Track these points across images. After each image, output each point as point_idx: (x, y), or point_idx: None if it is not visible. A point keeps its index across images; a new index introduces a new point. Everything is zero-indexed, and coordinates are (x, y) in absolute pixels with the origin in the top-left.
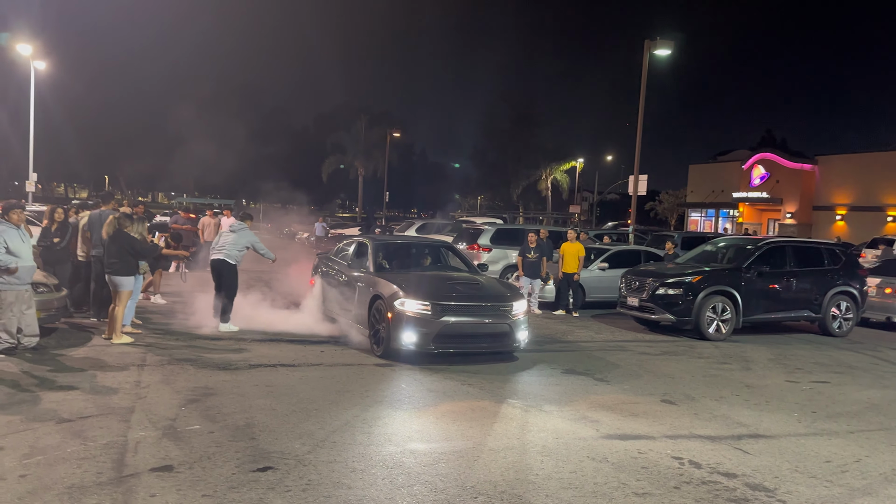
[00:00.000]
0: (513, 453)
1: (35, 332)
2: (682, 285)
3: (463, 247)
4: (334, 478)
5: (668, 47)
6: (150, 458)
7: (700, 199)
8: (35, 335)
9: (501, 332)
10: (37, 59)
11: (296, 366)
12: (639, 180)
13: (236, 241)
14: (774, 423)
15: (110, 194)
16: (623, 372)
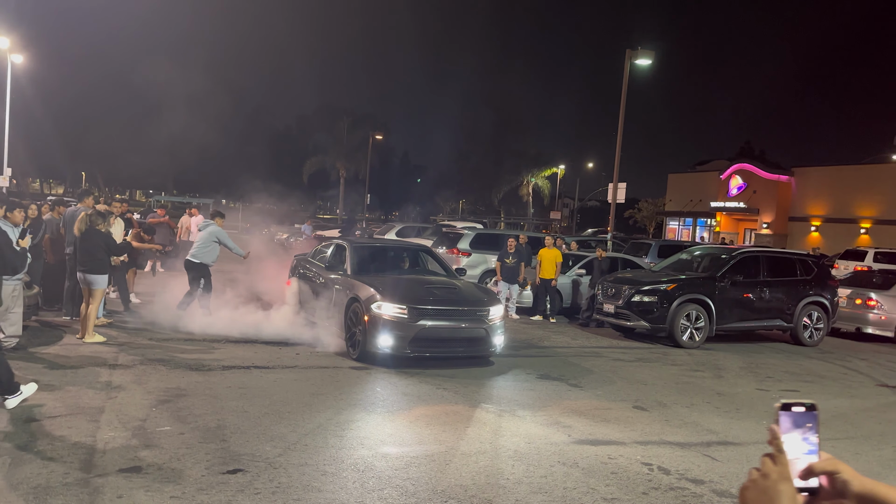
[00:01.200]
0: (485, 458)
1: (18, 333)
2: (657, 293)
3: (442, 251)
4: (305, 481)
5: (649, 57)
6: (118, 459)
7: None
8: (17, 336)
9: (478, 337)
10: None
11: (270, 368)
12: (618, 188)
13: (203, 240)
14: (743, 431)
15: (87, 191)
16: (597, 378)
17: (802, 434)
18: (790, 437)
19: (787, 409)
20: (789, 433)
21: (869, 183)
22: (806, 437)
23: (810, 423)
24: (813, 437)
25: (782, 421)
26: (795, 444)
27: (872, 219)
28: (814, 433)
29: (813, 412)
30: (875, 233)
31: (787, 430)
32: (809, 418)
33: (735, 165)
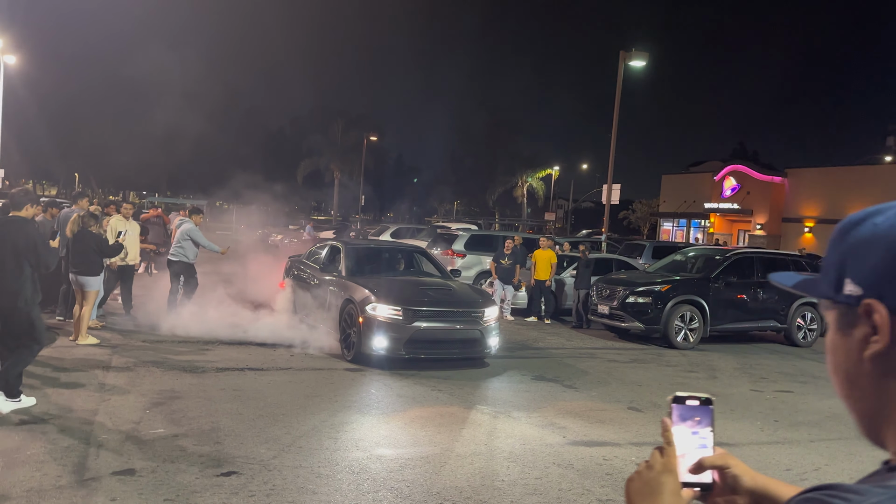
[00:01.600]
0: (480, 459)
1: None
2: (652, 294)
3: (437, 252)
4: (299, 483)
5: (643, 58)
6: (112, 462)
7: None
8: None
9: (472, 338)
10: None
11: (264, 369)
12: (612, 189)
13: (178, 237)
14: (738, 432)
15: (81, 193)
16: (592, 379)
17: (695, 428)
18: (682, 430)
19: (680, 402)
20: (681, 426)
21: (862, 184)
22: (698, 430)
23: (703, 417)
24: (706, 431)
25: (675, 414)
26: (687, 438)
27: None
28: (708, 427)
29: (708, 406)
30: None
31: (680, 424)
32: (704, 412)
33: (729, 167)
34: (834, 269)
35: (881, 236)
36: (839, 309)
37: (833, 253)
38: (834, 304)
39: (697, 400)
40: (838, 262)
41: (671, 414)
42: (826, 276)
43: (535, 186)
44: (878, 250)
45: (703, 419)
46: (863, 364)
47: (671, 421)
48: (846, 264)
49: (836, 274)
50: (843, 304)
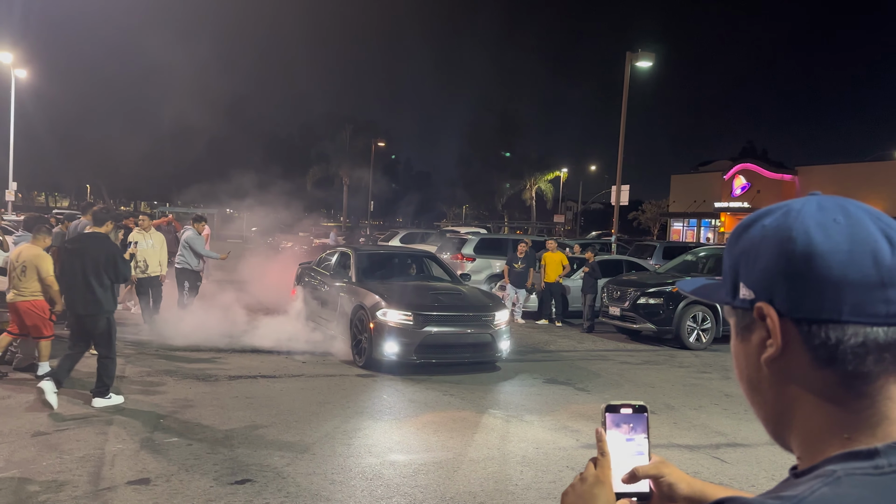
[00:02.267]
0: (493, 463)
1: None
2: (663, 295)
3: (447, 256)
4: (313, 490)
5: (650, 59)
6: (127, 471)
7: (682, 209)
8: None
9: (483, 343)
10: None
11: (276, 377)
12: (621, 190)
13: (181, 245)
14: (752, 433)
15: (91, 204)
16: (604, 381)
17: (629, 436)
18: (616, 439)
19: (614, 411)
20: (616, 435)
21: (874, 180)
22: (633, 438)
23: (638, 425)
24: (642, 439)
25: (609, 422)
26: (622, 447)
27: None
28: (643, 435)
29: (642, 414)
30: None
31: (614, 432)
32: (638, 420)
33: (738, 165)
34: (729, 274)
35: (769, 238)
36: (737, 314)
37: (728, 257)
38: (732, 309)
39: (631, 408)
40: (732, 267)
41: (605, 423)
42: (724, 281)
43: (543, 189)
44: (767, 252)
45: (638, 427)
46: (761, 369)
47: (604, 430)
48: (739, 268)
49: (731, 279)
50: (740, 309)
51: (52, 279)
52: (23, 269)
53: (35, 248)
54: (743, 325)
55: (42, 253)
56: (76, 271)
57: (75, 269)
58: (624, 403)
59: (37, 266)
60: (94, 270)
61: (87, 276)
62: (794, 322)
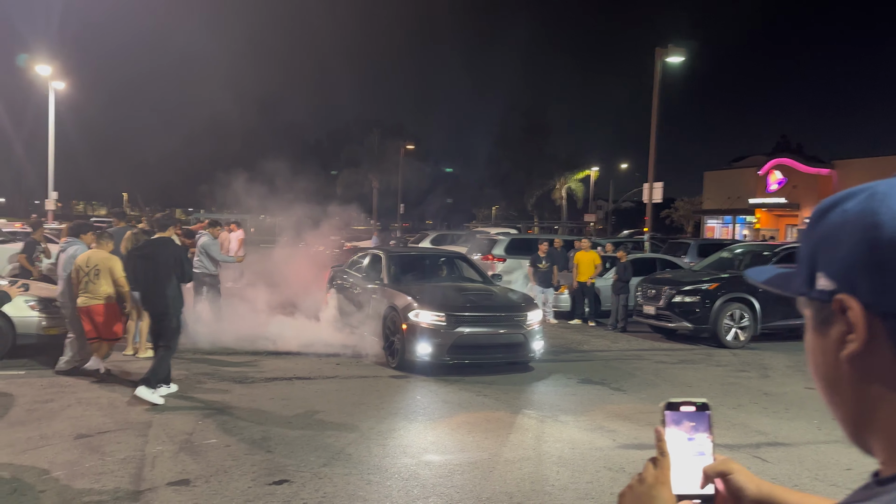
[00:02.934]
0: (528, 464)
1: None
2: (699, 293)
3: (477, 257)
4: (350, 490)
5: (681, 54)
6: (167, 473)
7: (716, 206)
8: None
9: (516, 343)
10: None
11: (311, 378)
12: (654, 188)
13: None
14: (794, 431)
15: (122, 212)
16: (640, 381)
17: (690, 435)
18: (677, 439)
19: (674, 409)
20: (676, 434)
21: None
22: (694, 438)
23: (700, 424)
24: (704, 438)
25: (669, 421)
26: (683, 447)
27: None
28: (705, 434)
29: (704, 412)
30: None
31: (674, 431)
32: (700, 418)
33: (773, 160)
34: (806, 263)
35: (851, 223)
36: (814, 306)
37: (805, 245)
38: (808, 300)
39: (693, 405)
40: (810, 255)
41: (664, 422)
42: (799, 270)
43: (573, 188)
44: (849, 239)
45: (700, 425)
46: (840, 366)
47: (664, 429)
48: (817, 256)
49: (808, 268)
50: (817, 301)
51: (124, 280)
52: (96, 272)
53: (104, 252)
54: (820, 318)
55: (112, 256)
56: (148, 274)
57: (147, 273)
58: (685, 401)
59: (110, 268)
60: (164, 272)
61: (157, 278)
62: (880, 316)
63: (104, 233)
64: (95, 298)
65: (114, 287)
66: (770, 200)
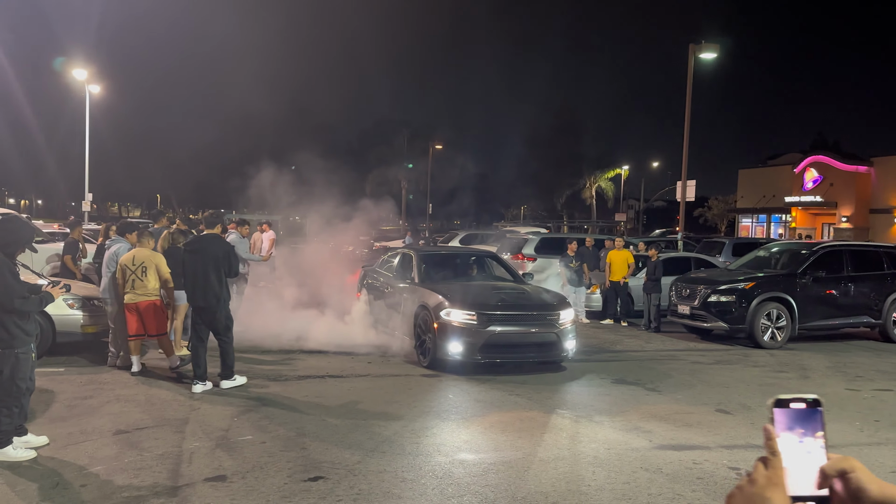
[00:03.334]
0: (564, 464)
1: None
2: (735, 292)
3: (507, 256)
4: (384, 487)
5: (714, 51)
6: (204, 469)
7: (751, 205)
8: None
9: (548, 342)
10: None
11: (344, 377)
12: (687, 186)
13: None
14: (835, 433)
15: (161, 213)
16: (675, 381)
17: (802, 434)
18: (787, 438)
19: (783, 406)
20: (786, 433)
21: None
22: (806, 437)
23: (812, 422)
24: (816, 436)
25: (777, 419)
26: (794, 447)
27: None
28: (817, 433)
29: (816, 409)
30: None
31: (785, 430)
32: (811, 416)
33: (809, 158)
34: None
35: None
36: None
37: None
38: None
39: (803, 402)
40: None
41: (773, 420)
42: None
43: (603, 187)
44: None
45: (812, 423)
46: None
47: (774, 428)
48: None
49: None
50: None
51: (169, 275)
52: (143, 269)
53: (148, 250)
54: None
55: (157, 253)
56: (197, 269)
57: (196, 268)
58: (795, 397)
59: (156, 264)
60: (213, 267)
61: (206, 273)
62: None
63: (145, 230)
64: (143, 295)
65: (160, 283)
66: (806, 199)
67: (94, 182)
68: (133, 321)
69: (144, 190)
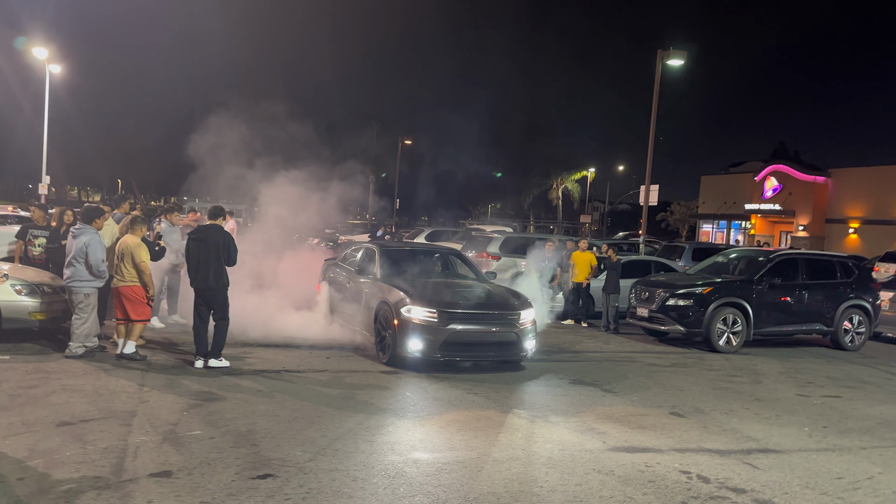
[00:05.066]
0: (517, 464)
1: (97, 332)
2: (693, 296)
3: (472, 255)
4: (335, 486)
5: (681, 57)
6: (149, 463)
7: (712, 211)
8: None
9: (509, 341)
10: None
11: (300, 372)
12: (650, 190)
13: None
14: (785, 438)
15: (123, 197)
16: (631, 383)
17: None
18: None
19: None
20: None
21: None
22: None
23: None
24: None
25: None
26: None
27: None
28: None
29: None
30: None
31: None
32: None
33: (770, 167)
34: None
35: None
36: None
37: None
38: None
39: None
40: None
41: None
42: None
43: (570, 189)
44: None
45: None
46: None
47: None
48: None
49: None
50: None
51: (144, 265)
52: (121, 256)
53: (134, 238)
54: None
55: (140, 242)
56: (201, 255)
57: (200, 254)
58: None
59: (132, 253)
60: (215, 254)
61: (209, 259)
62: None
63: (138, 218)
64: (123, 281)
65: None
66: (765, 206)
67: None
68: (118, 306)
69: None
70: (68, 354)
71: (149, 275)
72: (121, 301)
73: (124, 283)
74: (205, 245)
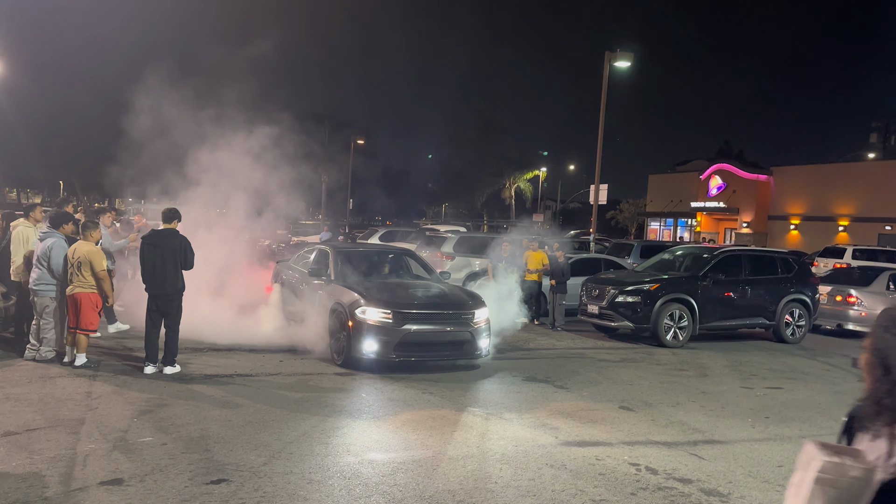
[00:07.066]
0: (472, 461)
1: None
2: (641, 293)
3: (426, 254)
4: (290, 489)
5: (629, 59)
6: (99, 472)
7: (659, 209)
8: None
9: (463, 340)
10: None
11: (253, 375)
12: (600, 190)
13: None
14: (729, 429)
15: (66, 200)
16: (582, 379)
17: None
18: None
19: None
20: None
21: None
22: None
23: None
24: None
25: None
26: None
27: (850, 216)
28: None
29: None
30: (853, 230)
31: None
32: None
33: (714, 166)
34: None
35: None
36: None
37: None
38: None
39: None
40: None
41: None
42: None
43: (522, 188)
44: None
45: None
46: None
47: None
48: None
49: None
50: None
51: (104, 273)
52: (79, 264)
53: (89, 245)
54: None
55: (96, 249)
56: (156, 261)
57: (155, 259)
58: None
59: (91, 261)
60: (171, 259)
61: (164, 264)
62: None
63: (90, 223)
64: (79, 287)
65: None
66: (710, 204)
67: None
68: (70, 314)
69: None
70: (38, 359)
71: (109, 283)
72: (76, 307)
73: (83, 289)
74: (161, 250)
